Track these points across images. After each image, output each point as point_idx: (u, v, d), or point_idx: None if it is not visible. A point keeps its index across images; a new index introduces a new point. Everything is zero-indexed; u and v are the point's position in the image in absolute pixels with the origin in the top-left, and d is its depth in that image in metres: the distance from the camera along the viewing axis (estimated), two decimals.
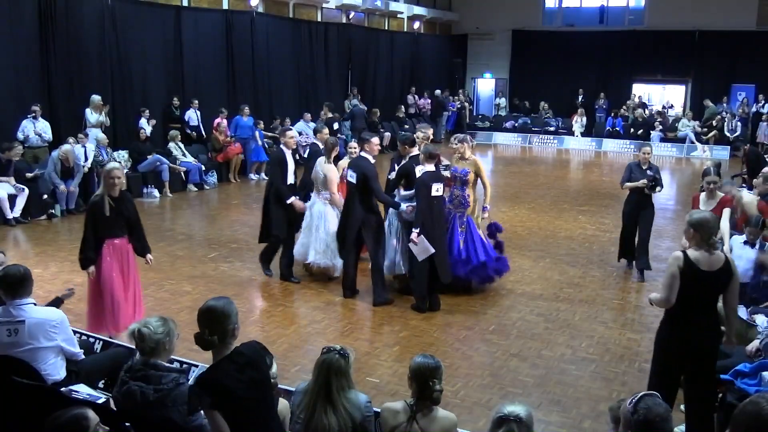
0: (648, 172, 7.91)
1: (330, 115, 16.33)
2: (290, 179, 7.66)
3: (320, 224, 7.65)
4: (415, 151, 7.35)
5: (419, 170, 7.20)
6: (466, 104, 22.29)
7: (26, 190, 10.27)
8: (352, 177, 7.10)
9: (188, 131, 14.36)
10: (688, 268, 3.99)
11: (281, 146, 7.73)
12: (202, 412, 3.55)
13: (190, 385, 3.31)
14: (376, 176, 7.12)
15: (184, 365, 4.65)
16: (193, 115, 14.46)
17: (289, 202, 7.53)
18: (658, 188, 7.92)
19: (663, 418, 2.56)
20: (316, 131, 8.29)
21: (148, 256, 5.99)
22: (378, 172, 7.29)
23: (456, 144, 7.66)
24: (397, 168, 7.49)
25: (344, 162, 8.06)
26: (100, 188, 5.75)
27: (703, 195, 6.52)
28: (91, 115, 11.86)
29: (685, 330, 4.06)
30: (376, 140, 7.33)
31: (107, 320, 5.74)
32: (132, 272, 5.89)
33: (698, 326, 4.06)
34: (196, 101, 14.46)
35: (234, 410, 3.08)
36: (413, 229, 6.76)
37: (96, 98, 11.91)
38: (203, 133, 14.58)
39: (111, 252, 5.72)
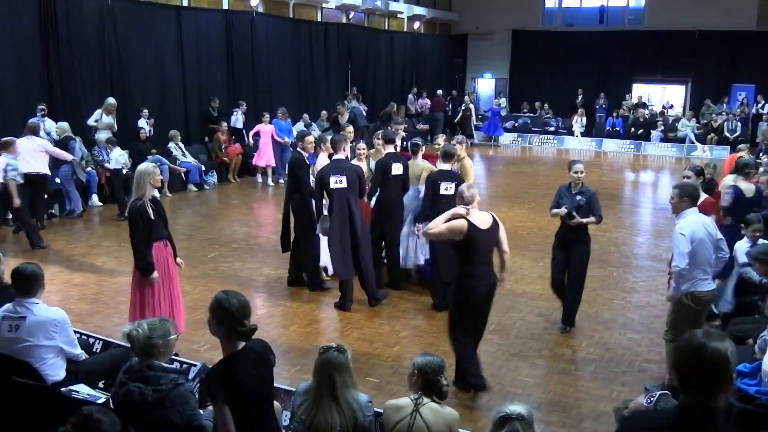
0: (577, 197, 6.25)
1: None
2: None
3: None
4: (390, 148, 7.49)
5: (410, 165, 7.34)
6: (471, 106, 22.00)
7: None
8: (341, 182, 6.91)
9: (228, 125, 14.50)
10: (472, 229, 4.81)
11: (299, 150, 7.55)
12: (202, 411, 3.55)
13: (203, 377, 3.32)
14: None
15: (184, 365, 4.65)
16: (239, 118, 14.62)
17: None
18: (583, 219, 6.21)
19: None
20: (301, 137, 7.68)
21: (178, 259, 5.83)
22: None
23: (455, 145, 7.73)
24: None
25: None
26: (141, 191, 5.40)
27: None
28: (106, 118, 11.91)
29: (477, 283, 4.96)
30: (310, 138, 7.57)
31: None
32: (175, 275, 5.73)
33: (486, 276, 5.00)
34: (243, 103, 14.78)
35: (243, 406, 3.09)
36: (417, 223, 6.98)
37: (111, 101, 11.94)
38: (246, 138, 14.57)
39: (157, 256, 5.52)
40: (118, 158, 11.24)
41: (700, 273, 5.03)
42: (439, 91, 22.04)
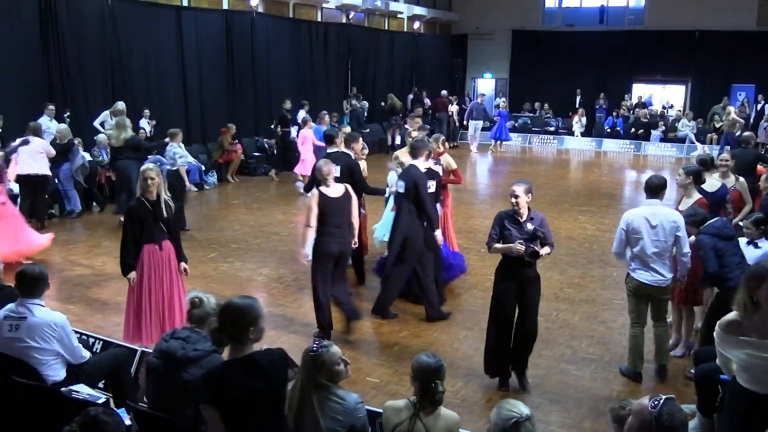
0: (527, 225, 5.12)
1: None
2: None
3: None
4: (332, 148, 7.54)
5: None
6: (454, 108, 21.13)
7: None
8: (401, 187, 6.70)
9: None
10: (322, 197, 5.94)
11: (347, 152, 7.44)
12: None
13: (200, 375, 3.32)
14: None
15: None
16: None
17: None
18: (542, 251, 5.11)
19: (684, 423, 2.56)
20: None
21: (183, 265, 5.74)
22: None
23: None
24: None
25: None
26: (140, 191, 5.47)
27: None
28: (110, 120, 11.92)
29: (330, 239, 6.01)
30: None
31: (146, 330, 5.52)
32: (174, 278, 5.63)
33: (338, 235, 6.03)
34: (307, 103, 15.04)
35: (232, 415, 3.00)
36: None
37: (120, 105, 11.97)
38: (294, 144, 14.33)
39: (149, 258, 5.49)
40: (105, 155, 11.36)
41: (636, 261, 5.34)
42: (444, 92, 21.84)
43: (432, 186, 6.76)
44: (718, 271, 5.16)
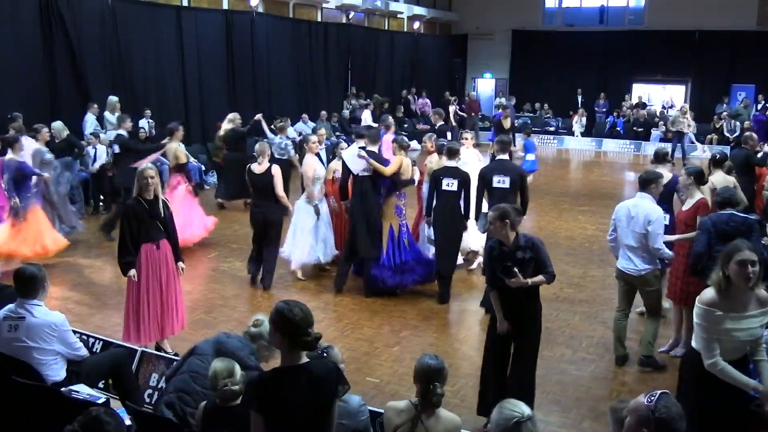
0: (518, 254, 4.39)
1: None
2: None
3: (297, 222, 7.82)
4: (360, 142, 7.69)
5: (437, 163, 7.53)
6: (453, 108, 20.95)
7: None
8: (503, 182, 6.76)
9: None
10: (249, 172, 7.07)
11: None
12: None
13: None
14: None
15: None
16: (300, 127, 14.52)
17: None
18: (530, 280, 4.34)
19: (681, 416, 2.58)
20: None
21: (180, 264, 5.74)
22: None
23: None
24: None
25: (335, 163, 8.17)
26: (136, 191, 5.47)
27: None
28: (112, 117, 11.88)
29: (255, 209, 7.32)
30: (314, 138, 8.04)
31: (144, 330, 5.54)
32: (171, 277, 5.65)
33: (260, 206, 7.24)
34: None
35: (277, 422, 2.91)
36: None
37: (113, 99, 11.92)
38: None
39: (146, 257, 5.50)
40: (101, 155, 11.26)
41: (622, 249, 5.63)
42: (473, 93, 21.57)
43: (454, 184, 6.86)
44: (700, 254, 5.18)
